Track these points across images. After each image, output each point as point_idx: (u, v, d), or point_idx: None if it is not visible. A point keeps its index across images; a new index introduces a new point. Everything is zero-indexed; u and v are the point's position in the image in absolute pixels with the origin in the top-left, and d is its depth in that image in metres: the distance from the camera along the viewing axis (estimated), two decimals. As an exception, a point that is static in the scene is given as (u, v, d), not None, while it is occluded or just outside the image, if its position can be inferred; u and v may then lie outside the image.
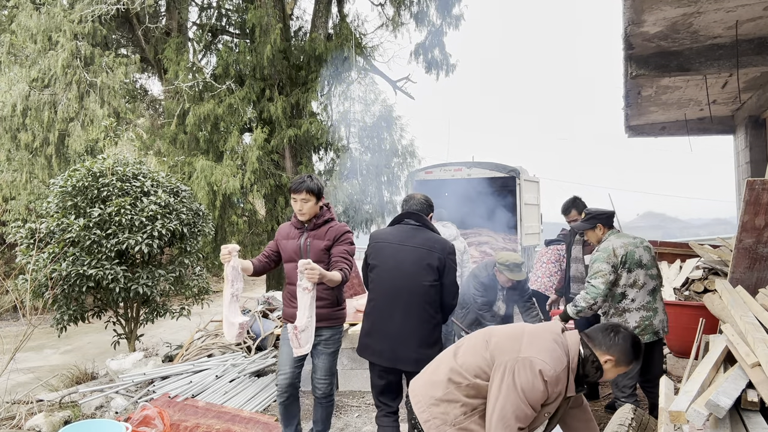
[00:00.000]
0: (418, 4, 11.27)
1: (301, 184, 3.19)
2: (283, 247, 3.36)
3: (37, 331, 5.10)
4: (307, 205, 3.21)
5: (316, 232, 3.27)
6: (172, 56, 9.81)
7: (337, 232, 3.27)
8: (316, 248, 3.21)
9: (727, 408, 2.16)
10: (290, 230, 3.37)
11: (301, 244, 3.27)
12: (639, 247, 3.62)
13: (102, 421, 3.55)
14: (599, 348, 2.32)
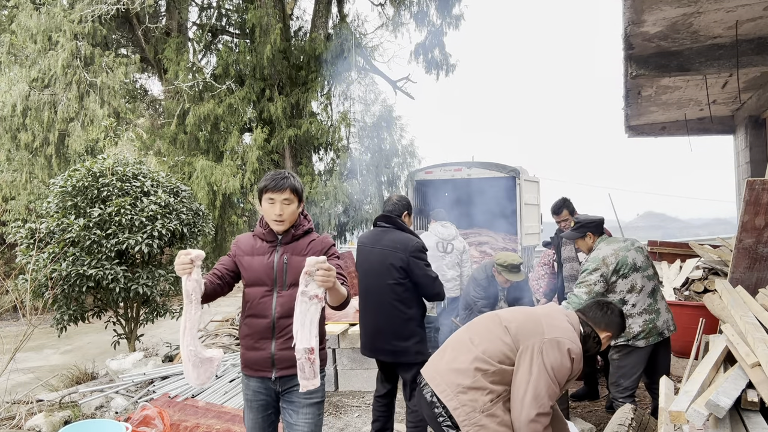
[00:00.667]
0: (418, 4, 11.27)
1: (283, 181, 2.39)
2: (246, 265, 2.45)
3: (37, 331, 5.10)
4: (289, 209, 2.40)
5: (293, 246, 2.44)
6: (172, 56, 9.81)
7: (322, 245, 2.47)
8: (297, 268, 2.28)
9: (727, 408, 2.17)
10: (255, 244, 2.48)
11: (275, 262, 2.41)
12: (630, 250, 3.58)
13: (102, 421, 3.55)
14: (598, 325, 2.57)
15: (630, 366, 3.52)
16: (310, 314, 2.13)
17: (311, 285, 2.12)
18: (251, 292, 2.43)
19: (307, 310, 2.13)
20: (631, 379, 3.52)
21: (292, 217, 2.42)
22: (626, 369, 3.52)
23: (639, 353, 3.51)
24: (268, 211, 2.40)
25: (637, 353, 3.51)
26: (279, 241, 2.44)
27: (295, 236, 2.45)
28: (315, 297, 2.13)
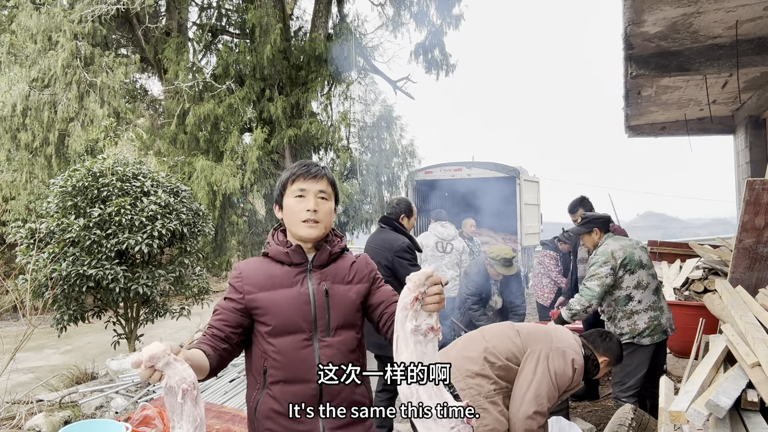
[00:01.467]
0: (418, 4, 11.27)
1: (317, 168, 1.72)
2: (265, 306, 1.62)
3: (37, 331, 5.10)
4: (326, 206, 1.69)
5: (333, 271, 1.69)
6: (172, 56, 9.81)
7: (369, 268, 1.76)
8: (343, 300, 1.66)
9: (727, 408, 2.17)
10: (273, 271, 1.67)
11: (312, 293, 1.63)
12: (636, 248, 3.63)
13: (102, 421, 3.55)
14: (597, 350, 2.73)
15: (635, 365, 3.53)
16: (429, 358, 1.41)
17: (421, 315, 1.42)
18: (279, 344, 1.59)
19: (424, 353, 1.40)
20: (636, 378, 3.53)
21: (328, 219, 1.68)
22: (631, 368, 3.53)
23: (643, 351, 3.53)
24: (294, 208, 1.65)
25: (641, 351, 3.53)
26: (311, 263, 1.66)
27: (333, 256, 1.69)
28: (431, 330, 1.41)
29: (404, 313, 1.40)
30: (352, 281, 1.69)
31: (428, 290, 1.39)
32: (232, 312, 1.63)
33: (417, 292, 1.39)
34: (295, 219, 1.66)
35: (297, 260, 1.66)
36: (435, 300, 1.38)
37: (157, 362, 1.31)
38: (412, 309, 1.39)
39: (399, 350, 1.40)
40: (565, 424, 3.23)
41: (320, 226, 1.66)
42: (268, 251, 1.71)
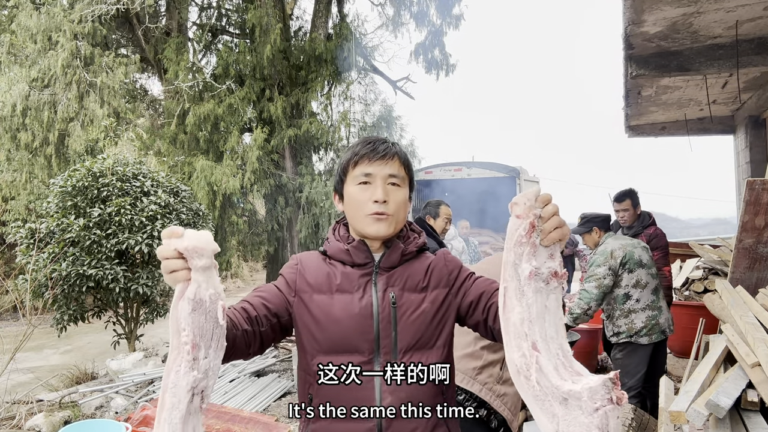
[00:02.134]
0: (418, 4, 11.27)
1: (386, 146, 1.33)
2: (317, 311, 1.28)
3: (37, 331, 5.10)
4: (399, 195, 1.32)
5: (404, 274, 1.32)
6: (172, 56, 9.81)
7: (447, 264, 1.37)
8: (415, 312, 1.28)
9: (727, 408, 2.17)
10: (333, 273, 1.32)
11: (375, 304, 1.27)
12: (637, 247, 3.63)
13: (102, 421, 3.55)
14: None
15: (633, 365, 3.53)
16: (553, 315, 0.98)
17: (540, 254, 0.97)
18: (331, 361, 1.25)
19: (546, 307, 0.98)
20: (636, 378, 3.53)
21: (401, 211, 1.31)
22: (630, 368, 3.53)
23: (642, 351, 3.53)
24: (358, 199, 1.29)
25: (639, 351, 3.53)
26: (377, 264, 1.30)
27: (406, 255, 1.33)
28: (554, 276, 0.98)
29: (518, 251, 0.97)
30: (428, 287, 1.30)
31: (543, 212, 0.96)
32: (277, 296, 1.30)
33: (531, 216, 0.96)
34: (359, 212, 1.29)
35: (360, 259, 1.30)
36: (556, 224, 0.96)
37: (196, 257, 0.94)
38: (528, 243, 0.96)
39: (508, 307, 0.98)
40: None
41: (391, 221, 1.28)
42: (327, 249, 1.36)
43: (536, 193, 0.98)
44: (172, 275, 0.96)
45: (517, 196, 0.98)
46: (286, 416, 4.26)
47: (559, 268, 0.99)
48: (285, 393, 4.78)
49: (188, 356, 0.96)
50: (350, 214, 1.34)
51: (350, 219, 1.35)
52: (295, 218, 10.55)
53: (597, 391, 0.90)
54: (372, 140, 1.35)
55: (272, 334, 1.29)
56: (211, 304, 0.97)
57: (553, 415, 0.94)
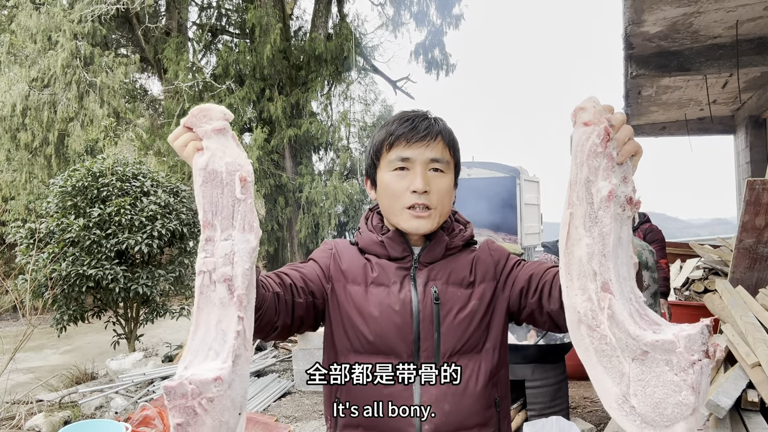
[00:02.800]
0: (418, 4, 11.28)
1: (428, 123, 1.12)
2: (349, 304, 1.12)
3: (37, 331, 5.10)
4: (442, 183, 1.13)
5: (444, 267, 1.14)
6: (172, 56, 9.81)
7: (492, 255, 1.20)
8: (462, 310, 1.10)
9: (727, 408, 2.16)
10: (365, 262, 1.16)
11: (414, 300, 1.09)
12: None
13: (102, 421, 3.55)
14: None
15: None
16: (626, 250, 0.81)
17: (617, 172, 0.79)
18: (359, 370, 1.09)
19: (620, 238, 0.80)
20: None
21: (446, 203, 1.14)
22: None
23: None
24: (394, 188, 1.10)
25: None
26: (417, 258, 1.14)
27: (451, 249, 1.16)
28: (629, 203, 0.80)
29: (592, 165, 0.76)
30: (474, 282, 1.13)
31: (612, 119, 0.77)
32: (316, 275, 1.14)
33: (604, 122, 0.76)
34: (396, 204, 1.10)
35: (397, 252, 1.13)
36: (629, 134, 0.78)
37: (204, 121, 0.83)
38: (605, 155, 0.76)
39: (572, 238, 0.78)
40: (565, 425, 3.23)
41: (434, 215, 1.10)
42: (358, 240, 1.19)
43: (594, 100, 0.78)
44: (182, 149, 0.84)
45: (581, 102, 0.78)
46: (285, 416, 4.26)
47: (633, 193, 0.79)
48: (285, 393, 4.78)
49: (202, 237, 0.82)
50: (385, 205, 1.14)
51: (385, 211, 1.15)
52: (295, 218, 10.55)
53: (695, 341, 0.72)
54: (410, 117, 1.13)
55: (305, 314, 1.09)
56: (228, 176, 0.81)
57: (622, 375, 0.75)
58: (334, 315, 1.13)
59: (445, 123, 1.16)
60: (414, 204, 1.08)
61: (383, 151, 1.12)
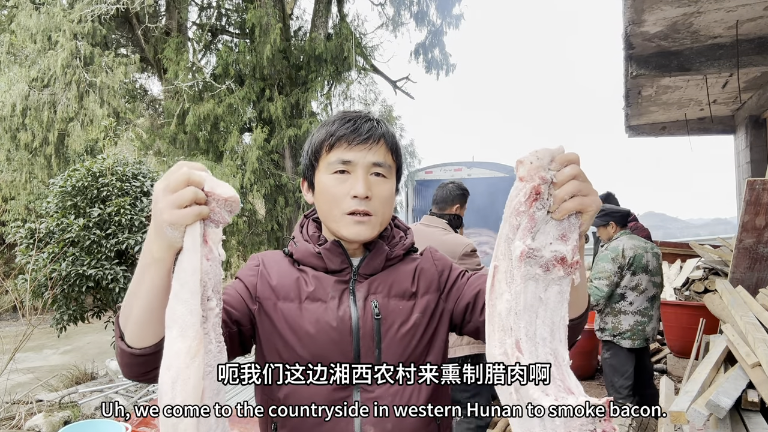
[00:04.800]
0: (418, 4, 11.28)
1: (370, 125, 1.07)
2: (282, 323, 1.04)
3: (37, 331, 5.10)
4: (384, 189, 1.07)
5: (384, 279, 1.09)
6: (172, 56, 9.81)
7: (435, 263, 1.16)
8: (404, 324, 1.05)
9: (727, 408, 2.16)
10: (302, 278, 1.08)
11: (353, 315, 1.03)
12: (648, 252, 3.61)
13: (102, 421, 3.55)
14: None
15: (620, 363, 3.56)
16: (550, 312, 0.78)
17: (546, 229, 0.75)
18: (298, 392, 1.00)
19: (540, 300, 0.77)
20: (624, 377, 3.55)
21: (386, 209, 1.08)
22: (617, 366, 3.56)
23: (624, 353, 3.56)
24: (333, 191, 1.05)
25: (622, 352, 3.56)
26: (356, 270, 1.08)
27: (391, 260, 1.11)
28: (559, 263, 0.75)
29: (512, 223, 0.74)
30: (416, 293, 1.07)
31: (557, 176, 0.73)
32: (239, 301, 1.06)
33: (536, 180, 0.72)
34: (335, 209, 1.04)
35: (335, 265, 1.07)
36: (573, 191, 0.72)
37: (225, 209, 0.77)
38: (526, 214, 0.73)
39: (495, 291, 0.76)
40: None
41: (374, 222, 1.05)
42: (293, 251, 1.11)
43: (554, 152, 0.73)
44: (193, 212, 0.73)
45: (524, 154, 0.73)
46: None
47: (570, 253, 0.74)
48: (285, 393, 4.77)
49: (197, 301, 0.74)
50: (323, 210, 1.08)
51: (323, 216, 1.09)
52: (295, 218, 10.55)
53: (572, 421, 0.71)
54: (352, 117, 1.08)
55: (230, 346, 0.98)
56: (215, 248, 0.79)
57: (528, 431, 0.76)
58: (264, 337, 1.05)
59: (388, 126, 1.12)
60: (355, 210, 1.03)
61: (323, 152, 1.07)
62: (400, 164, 1.12)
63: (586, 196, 0.73)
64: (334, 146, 1.05)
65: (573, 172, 0.73)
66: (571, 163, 0.74)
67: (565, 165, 0.74)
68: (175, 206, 0.73)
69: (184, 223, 0.73)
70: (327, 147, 1.06)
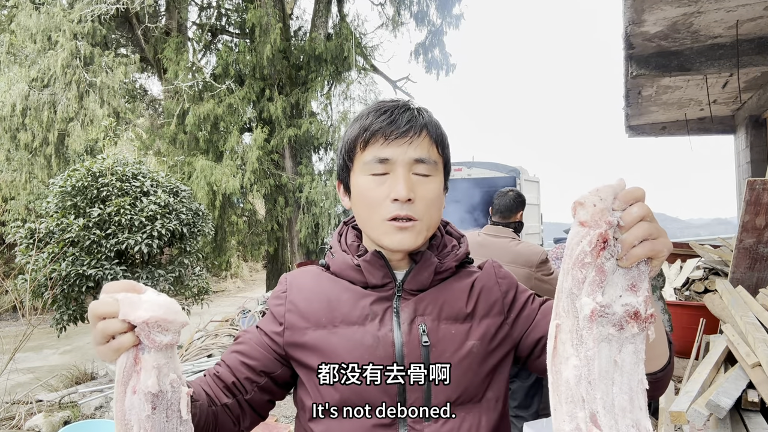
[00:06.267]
0: (418, 4, 11.28)
1: (413, 119, 0.91)
2: (311, 356, 0.91)
3: (37, 331, 5.10)
4: (429, 190, 0.91)
5: (434, 297, 0.93)
6: (172, 56, 9.81)
7: (499, 282, 0.99)
8: (459, 352, 0.89)
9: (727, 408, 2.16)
10: (337, 293, 0.95)
11: (398, 338, 0.88)
12: None
13: (101, 421, 3.55)
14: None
15: None
16: (627, 377, 0.65)
17: (615, 280, 0.64)
18: (335, 428, 0.89)
19: (615, 363, 0.65)
20: None
21: (432, 210, 0.93)
22: None
23: None
24: (371, 194, 0.92)
25: None
26: (400, 285, 0.94)
27: (441, 272, 0.96)
28: (633, 318, 0.64)
29: (577, 277, 0.64)
30: (473, 315, 0.93)
31: (623, 218, 0.63)
32: (261, 345, 0.95)
33: (603, 225, 0.63)
34: (374, 216, 0.91)
35: (376, 279, 0.94)
36: (643, 235, 0.63)
37: (159, 332, 0.68)
38: (593, 266, 0.63)
39: (559, 355, 0.66)
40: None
41: (419, 228, 0.90)
42: (330, 263, 1.00)
43: (616, 189, 0.63)
44: (111, 347, 0.67)
45: (584, 194, 0.64)
46: (285, 416, 4.26)
47: (643, 306, 0.64)
48: (285, 393, 4.77)
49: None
50: (361, 216, 0.94)
51: (361, 223, 0.95)
52: (295, 218, 10.55)
53: None
54: (389, 107, 0.93)
55: (266, 397, 0.94)
56: (173, 395, 0.70)
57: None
58: (300, 370, 0.93)
59: (431, 114, 0.95)
60: (396, 215, 0.88)
61: (357, 150, 0.93)
62: (447, 158, 0.96)
63: (656, 239, 0.63)
64: (369, 142, 0.91)
65: (641, 212, 0.63)
66: (638, 200, 0.64)
67: (630, 203, 0.64)
68: (96, 342, 0.68)
69: (105, 360, 0.69)
70: (362, 144, 0.92)
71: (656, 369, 0.78)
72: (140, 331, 0.67)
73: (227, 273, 15.88)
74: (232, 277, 16.99)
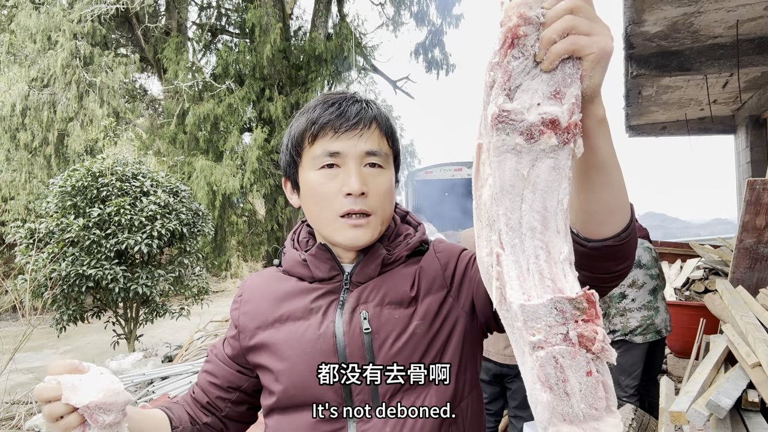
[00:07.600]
0: (418, 4, 11.28)
1: (362, 110, 0.89)
2: (266, 354, 0.91)
3: (37, 331, 5.09)
4: (381, 183, 0.88)
5: (378, 286, 0.90)
6: (172, 56, 9.81)
7: (439, 256, 0.93)
8: (398, 335, 0.85)
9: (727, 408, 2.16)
10: (286, 291, 0.94)
11: (339, 326, 0.86)
12: (639, 246, 3.63)
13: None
14: None
15: (629, 363, 3.55)
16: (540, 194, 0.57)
17: (532, 85, 0.55)
18: (281, 427, 0.89)
19: (525, 179, 0.57)
20: (632, 377, 3.54)
21: (385, 203, 0.90)
22: (625, 366, 3.55)
23: (636, 350, 3.55)
24: (322, 190, 0.88)
25: (634, 350, 3.55)
26: (348, 277, 0.91)
27: (389, 263, 0.92)
28: (548, 127, 0.54)
29: (487, 81, 0.55)
30: (418, 297, 0.88)
31: (548, 14, 0.54)
32: (225, 363, 0.96)
33: (515, 19, 0.53)
34: (325, 212, 0.88)
35: (322, 273, 0.91)
36: (564, 27, 0.53)
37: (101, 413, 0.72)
38: (500, 66, 0.54)
39: (480, 176, 0.59)
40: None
41: (374, 223, 0.88)
42: (282, 261, 0.99)
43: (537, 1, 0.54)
44: (60, 427, 0.72)
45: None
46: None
47: (563, 114, 0.54)
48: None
49: None
50: (312, 213, 0.90)
51: (312, 220, 0.91)
52: (295, 218, 10.55)
53: (540, 315, 0.54)
54: (336, 100, 0.90)
55: (243, 408, 0.97)
56: None
57: (522, 353, 0.58)
58: (258, 372, 0.94)
59: (379, 106, 0.92)
60: (350, 210, 0.85)
61: (305, 144, 0.88)
62: (397, 150, 0.93)
63: (587, 35, 0.53)
64: (318, 136, 0.87)
65: (569, 4, 0.53)
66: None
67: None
68: (46, 421, 0.72)
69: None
70: (310, 138, 0.87)
71: (618, 230, 0.67)
72: (83, 411, 0.71)
73: (227, 273, 15.88)
74: (232, 277, 16.99)
